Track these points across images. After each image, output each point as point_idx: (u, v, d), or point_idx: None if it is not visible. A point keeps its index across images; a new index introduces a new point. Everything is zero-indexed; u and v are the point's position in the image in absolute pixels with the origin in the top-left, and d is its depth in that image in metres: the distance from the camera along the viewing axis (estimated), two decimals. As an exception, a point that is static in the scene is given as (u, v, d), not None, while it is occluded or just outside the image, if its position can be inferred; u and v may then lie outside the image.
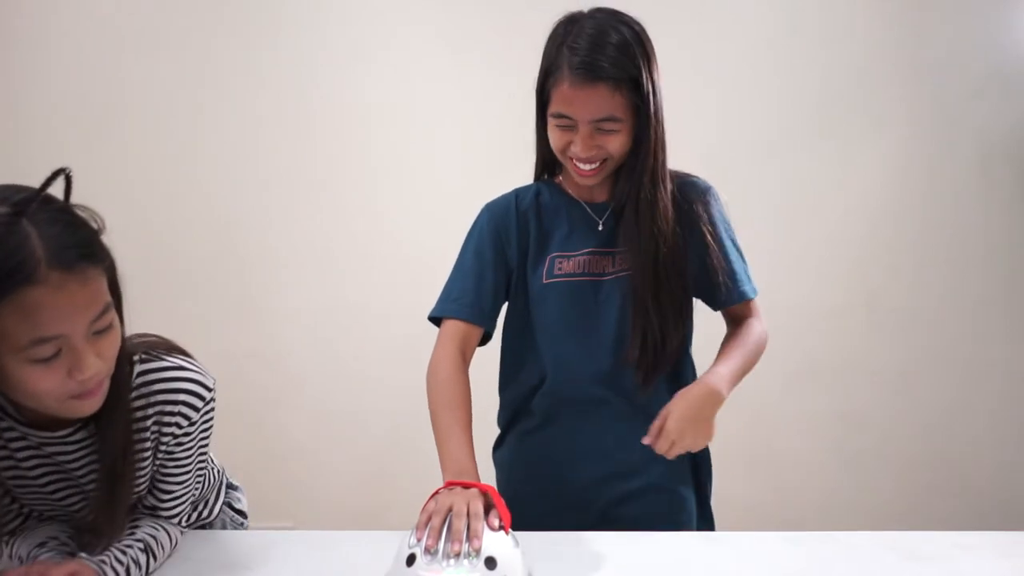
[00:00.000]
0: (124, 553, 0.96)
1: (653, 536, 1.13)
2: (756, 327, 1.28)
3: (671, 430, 1.10)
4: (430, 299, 1.27)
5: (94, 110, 2.43)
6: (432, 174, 2.49)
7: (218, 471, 1.23)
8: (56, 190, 0.84)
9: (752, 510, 2.51)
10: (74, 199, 0.86)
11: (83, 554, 0.93)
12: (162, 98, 2.44)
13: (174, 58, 2.44)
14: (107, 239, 0.86)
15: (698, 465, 1.32)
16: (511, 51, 2.43)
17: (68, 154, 2.46)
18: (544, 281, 1.23)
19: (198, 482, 1.09)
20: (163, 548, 1.01)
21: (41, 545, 0.97)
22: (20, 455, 0.93)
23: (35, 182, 0.83)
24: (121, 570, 0.94)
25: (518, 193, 1.29)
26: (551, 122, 1.15)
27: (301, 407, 2.53)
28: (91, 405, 0.86)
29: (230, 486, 1.27)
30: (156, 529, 1.02)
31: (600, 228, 1.24)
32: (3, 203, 0.77)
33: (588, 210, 1.25)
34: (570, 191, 1.27)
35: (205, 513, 1.18)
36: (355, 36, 2.46)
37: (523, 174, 1.34)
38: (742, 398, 1.31)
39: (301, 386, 2.52)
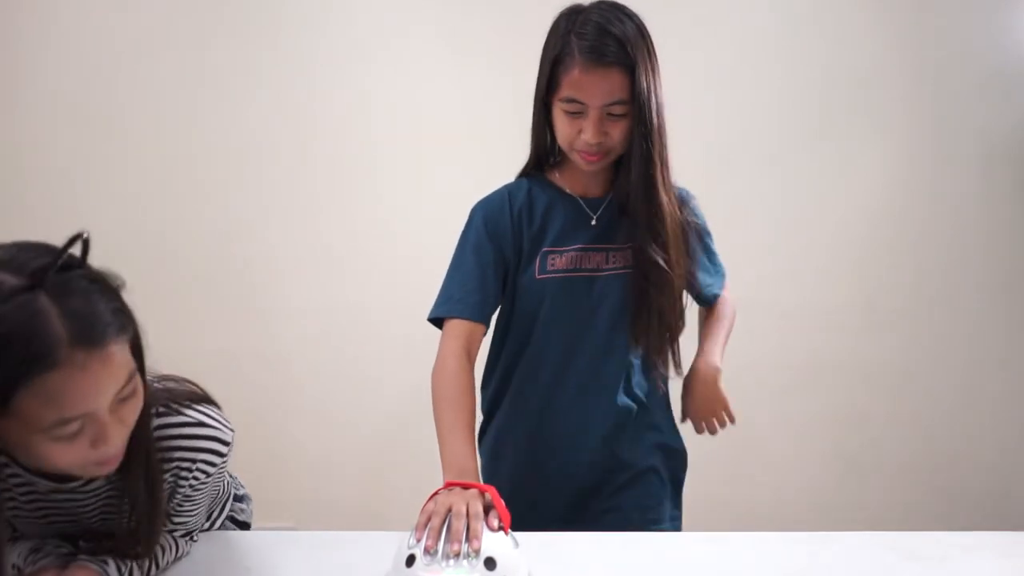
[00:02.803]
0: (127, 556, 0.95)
1: (653, 536, 1.14)
2: (725, 303, 1.40)
3: (699, 417, 1.30)
4: (430, 300, 1.27)
5: (94, 109, 2.42)
6: (432, 174, 2.48)
7: (227, 483, 1.21)
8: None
9: (752, 510, 2.52)
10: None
11: (82, 556, 0.92)
12: (162, 97, 2.44)
13: (174, 58, 2.43)
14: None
15: (673, 453, 1.36)
16: (512, 51, 2.43)
17: (68, 154, 2.48)
18: (537, 276, 1.23)
19: (209, 505, 1.09)
20: (168, 559, 1.01)
21: (36, 551, 0.94)
22: (23, 498, 0.91)
23: (35, 182, 0.83)
24: (124, 571, 0.93)
25: (510, 190, 1.29)
26: (561, 108, 1.15)
27: (301, 407, 2.53)
28: (110, 468, 0.84)
29: (237, 498, 1.25)
30: (164, 537, 1.01)
31: (594, 223, 1.24)
32: (19, 272, 0.72)
33: (582, 204, 1.25)
34: (564, 186, 1.27)
35: (206, 526, 1.18)
36: (355, 36, 2.46)
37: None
38: (742, 398, 1.32)
39: (301, 386, 2.52)
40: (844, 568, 1.03)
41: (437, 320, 1.25)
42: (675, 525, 1.36)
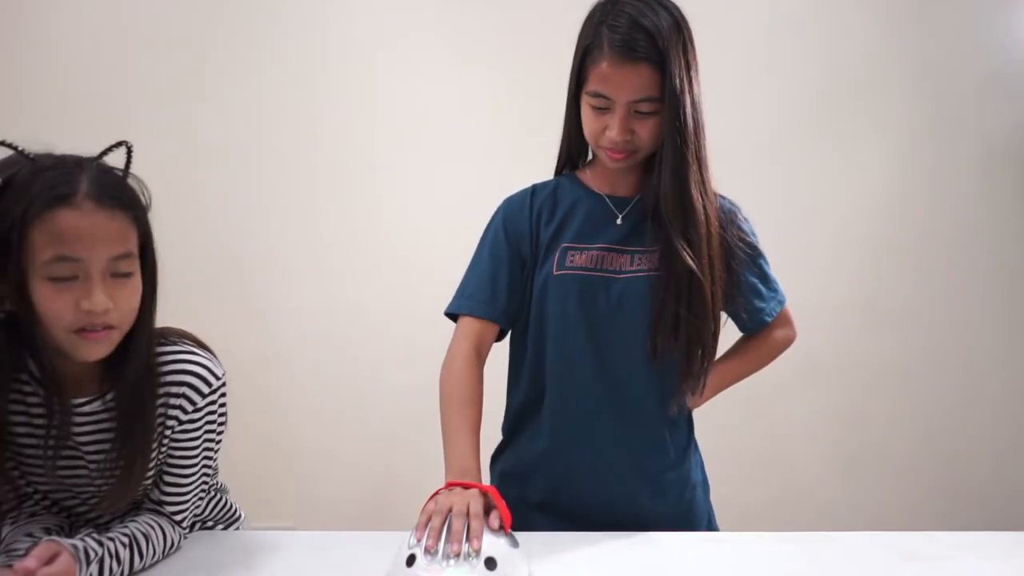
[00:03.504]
0: (101, 544, 0.91)
1: (653, 536, 1.13)
2: (772, 336, 1.34)
3: None
4: (430, 299, 1.27)
5: (94, 109, 2.42)
6: (432, 174, 2.48)
7: (233, 508, 1.21)
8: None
9: (752, 510, 2.51)
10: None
11: (51, 537, 0.90)
12: (162, 97, 2.44)
13: (174, 57, 2.44)
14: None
15: (697, 462, 1.31)
16: (512, 51, 2.44)
17: (68, 153, 2.47)
18: (555, 272, 1.18)
19: (205, 481, 1.08)
20: (154, 547, 0.98)
21: (29, 535, 0.95)
22: (37, 420, 0.93)
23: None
24: (94, 557, 0.89)
25: (535, 188, 1.26)
26: (587, 103, 1.12)
27: (301, 407, 2.53)
28: (94, 349, 0.89)
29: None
30: (151, 527, 0.99)
31: (619, 222, 1.19)
32: (70, 158, 0.91)
33: (608, 203, 1.20)
34: (592, 185, 1.23)
35: (210, 525, 1.18)
36: (355, 36, 2.46)
37: (524, 174, 1.33)
38: (742, 398, 1.32)
39: (301, 386, 2.52)
40: (844, 568, 1.03)
41: (453, 315, 1.22)
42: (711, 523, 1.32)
